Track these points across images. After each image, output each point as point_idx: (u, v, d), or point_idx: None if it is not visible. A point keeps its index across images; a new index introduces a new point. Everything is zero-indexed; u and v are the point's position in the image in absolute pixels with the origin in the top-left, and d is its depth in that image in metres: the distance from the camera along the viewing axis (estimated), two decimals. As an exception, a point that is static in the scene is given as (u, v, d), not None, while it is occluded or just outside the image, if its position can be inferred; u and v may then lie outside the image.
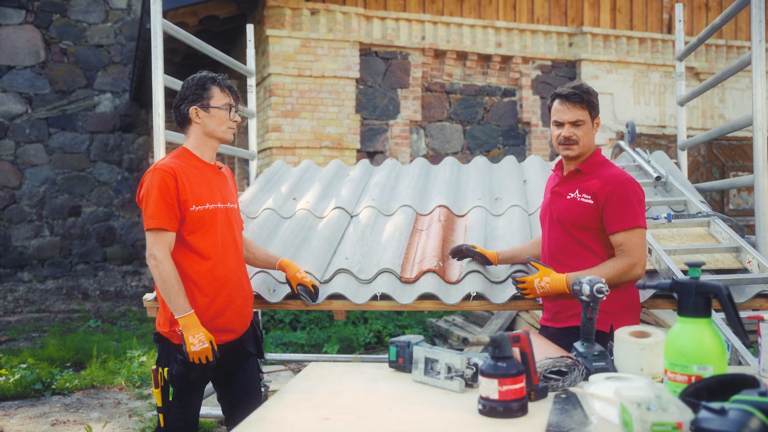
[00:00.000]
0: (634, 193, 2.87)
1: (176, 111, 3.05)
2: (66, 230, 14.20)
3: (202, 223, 2.96)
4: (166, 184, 2.87)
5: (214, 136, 3.07)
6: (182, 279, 2.90)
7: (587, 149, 2.99)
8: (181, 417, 2.98)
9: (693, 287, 1.71)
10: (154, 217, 2.85)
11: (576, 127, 2.94)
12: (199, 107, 3.00)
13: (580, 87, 2.95)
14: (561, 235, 3.00)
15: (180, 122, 3.08)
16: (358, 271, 3.67)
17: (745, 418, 1.31)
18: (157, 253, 2.84)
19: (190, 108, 3.01)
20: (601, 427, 1.62)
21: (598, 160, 3.01)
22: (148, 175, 2.93)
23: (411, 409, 1.82)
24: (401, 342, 2.20)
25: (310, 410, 1.81)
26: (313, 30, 9.06)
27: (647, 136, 10.52)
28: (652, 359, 1.98)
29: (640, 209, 2.87)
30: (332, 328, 8.10)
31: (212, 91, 3.03)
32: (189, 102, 3.01)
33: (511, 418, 1.70)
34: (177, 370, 2.92)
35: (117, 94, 14.56)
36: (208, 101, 3.02)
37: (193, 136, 3.07)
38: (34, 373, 6.32)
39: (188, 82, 3.05)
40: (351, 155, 9.18)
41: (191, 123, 3.04)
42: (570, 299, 2.85)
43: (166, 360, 2.98)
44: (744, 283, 3.27)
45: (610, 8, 10.57)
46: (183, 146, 3.10)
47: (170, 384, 2.95)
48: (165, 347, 3.00)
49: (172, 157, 3.02)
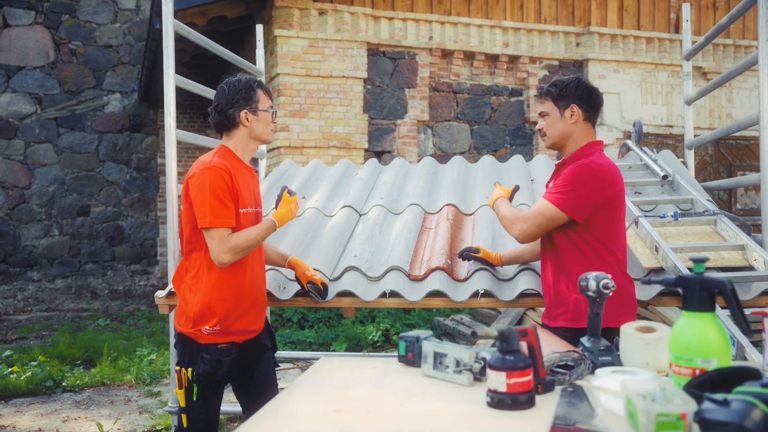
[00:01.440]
0: (577, 174, 2.87)
1: (222, 115, 3.03)
2: (75, 230, 14.29)
3: (244, 227, 2.98)
4: (225, 182, 2.88)
5: (260, 138, 3.10)
6: (216, 280, 2.94)
7: (560, 139, 3.03)
8: (205, 416, 3.01)
9: (697, 282, 1.73)
10: (220, 216, 2.86)
11: (542, 118, 3.08)
12: (248, 111, 3.03)
13: (553, 81, 3.09)
14: (556, 233, 2.99)
15: (224, 126, 3.06)
16: (367, 268, 3.70)
17: (748, 408, 1.33)
18: (226, 254, 2.88)
19: (240, 112, 3.02)
20: (607, 419, 1.65)
21: (585, 152, 2.97)
22: (202, 173, 2.90)
23: (421, 402, 1.85)
24: (410, 337, 2.24)
25: (321, 403, 1.84)
26: (321, 30, 9.11)
27: (654, 136, 10.53)
28: (658, 354, 2.00)
29: (574, 191, 2.84)
30: (340, 326, 8.14)
31: (259, 94, 3.06)
32: (239, 106, 3.01)
33: (518, 410, 1.73)
34: (204, 370, 2.94)
35: (126, 94, 14.64)
36: (256, 105, 3.05)
37: (237, 139, 3.07)
38: (45, 370, 6.39)
39: (234, 86, 3.03)
40: (359, 155, 9.22)
41: (238, 126, 3.05)
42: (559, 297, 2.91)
43: (189, 360, 2.99)
44: (750, 281, 3.30)
45: (617, 8, 10.58)
46: (224, 146, 3.07)
47: (195, 384, 2.97)
48: (187, 348, 3.01)
49: (218, 156, 2.99)
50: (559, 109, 3.00)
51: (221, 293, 2.95)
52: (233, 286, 2.98)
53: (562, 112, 3.00)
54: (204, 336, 2.95)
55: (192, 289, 2.98)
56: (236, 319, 2.99)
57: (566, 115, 2.99)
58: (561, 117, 3.00)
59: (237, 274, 2.99)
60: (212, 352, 2.92)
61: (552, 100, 3.02)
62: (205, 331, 2.93)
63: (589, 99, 3.01)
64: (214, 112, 3.06)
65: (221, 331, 2.95)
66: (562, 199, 2.86)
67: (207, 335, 2.94)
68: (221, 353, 2.96)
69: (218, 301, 2.94)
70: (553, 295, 2.98)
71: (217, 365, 2.94)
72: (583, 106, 3.00)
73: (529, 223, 2.92)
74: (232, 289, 2.97)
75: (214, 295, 2.94)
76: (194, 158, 14.44)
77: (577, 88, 3.00)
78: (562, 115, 3.00)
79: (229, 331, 2.97)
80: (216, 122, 3.08)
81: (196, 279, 2.98)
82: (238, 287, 2.99)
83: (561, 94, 3.00)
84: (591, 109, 3.02)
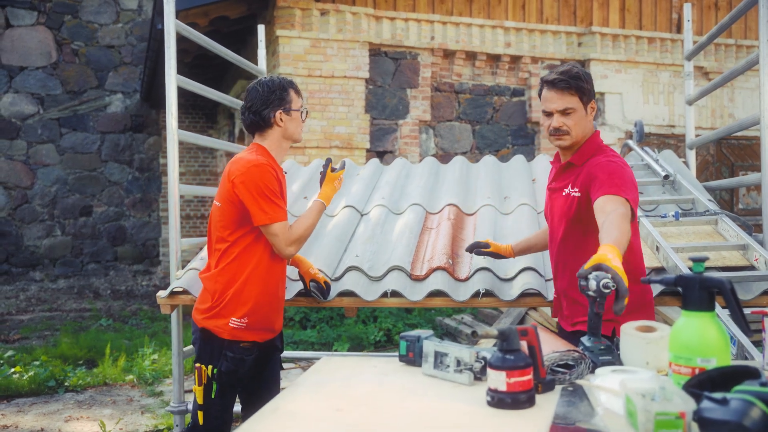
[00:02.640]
0: (619, 168, 2.62)
1: (257, 115, 3.05)
2: (77, 230, 14.31)
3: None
4: (275, 179, 2.95)
5: (292, 138, 3.14)
6: (251, 273, 2.97)
7: (582, 138, 2.77)
8: (222, 414, 3.03)
9: (697, 281, 1.74)
10: (277, 211, 2.92)
11: (566, 116, 2.71)
12: (283, 111, 3.06)
13: (568, 72, 2.71)
14: (565, 235, 2.84)
15: (258, 126, 3.08)
16: (368, 268, 3.71)
17: (746, 407, 1.34)
18: (290, 246, 2.97)
19: (275, 112, 3.04)
20: (607, 418, 1.66)
21: (591, 147, 2.78)
22: (251, 171, 2.91)
23: (422, 401, 1.86)
24: (411, 336, 2.24)
25: (322, 402, 1.85)
26: (322, 30, 9.11)
27: (656, 136, 10.52)
28: (658, 353, 2.01)
29: (626, 183, 2.58)
30: (342, 326, 8.15)
31: (291, 94, 3.09)
32: (273, 106, 3.04)
33: (518, 409, 1.73)
34: (226, 368, 2.96)
35: (128, 94, 14.66)
36: (289, 105, 3.08)
37: (271, 139, 3.09)
38: (48, 370, 6.40)
39: (268, 87, 3.05)
40: (361, 155, 9.23)
41: (272, 127, 3.07)
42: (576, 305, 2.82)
43: (210, 357, 3.01)
44: (751, 280, 3.30)
45: (619, 8, 10.58)
46: (260, 145, 3.08)
47: (215, 381, 2.99)
48: (209, 345, 3.02)
49: (259, 155, 3.01)
50: (584, 104, 2.72)
51: (254, 286, 2.98)
52: (265, 281, 3.02)
53: (587, 108, 2.74)
54: (229, 330, 2.96)
55: (222, 279, 2.99)
56: (263, 315, 3.03)
57: (588, 111, 2.75)
58: (586, 114, 2.74)
59: (269, 269, 3.04)
60: (235, 350, 2.95)
61: (579, 95, 2.70)
62: (232, 324, 2.95)
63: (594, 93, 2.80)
64: (248, 113, 3.07)
65: (247, 327, 2.97)
66: (629, 198, 2.55)
67: (232, 329, 2.96)
68: (244, 352, 2.99)
69: (250, 293, 2.97)
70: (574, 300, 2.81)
71: (239, 364, 2.97)
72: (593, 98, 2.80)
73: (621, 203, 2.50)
74: (264, 283, 3.02)
75: (246, 286, 2.97)
76: (196, 158, 14.47)
77: (591, 80, 2.78)
78: (587, 113, 2.74)
79: (254, 328, 3.00)
80: (250, 123, 3.09)
81: (226, 271, 2.99)
82: (270, 282, 3.04)
83: (588, 89, 2.72)
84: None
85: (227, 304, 2.96)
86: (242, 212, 2.94)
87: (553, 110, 2.72)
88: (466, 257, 3.77)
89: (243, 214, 2.94)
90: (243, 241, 2.98)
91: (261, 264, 3.00)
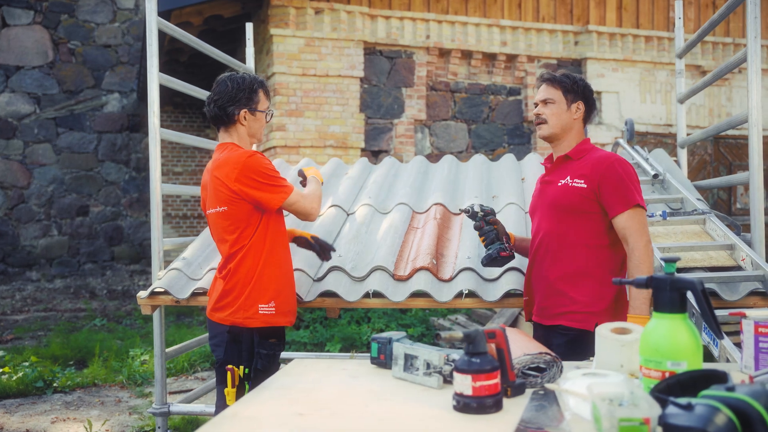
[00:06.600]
0: (626, 172, 2.85)
1: (221, 110, 3.08)
2: (74, 229, 14.27)
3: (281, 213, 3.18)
4: (265, 158, 3.08)
5: (255, 137, 3.20)
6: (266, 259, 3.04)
7: (561, 131, 2.98)
8: None
9: (668, 282, 1.69)
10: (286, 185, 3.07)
11: (545, 105, 2.99)
12: (248, 110, 3.09)
13: (563, 73, 3.02)
14: (552, 225, 2.92)
15: (222, 121, 3.12)
16: (351, 268, 3.66)
17: (711, 413, 1.30)
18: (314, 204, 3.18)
19: (240, 110, 3.08)
20: (574, 423, 1.61)
21: (587, 146, 3.00)
22: (248, 161, 2.97)
23: (387, 405, 1.81)
24: (383, 338, 2.19)
25: (285, 406, 1.80)
26: (317, 29, 9.06)
27: (654, 135, 10.47)
28: (632, 356, 1.96)
29: (635, 188, 2.83)
30: (335, 327, 8.10)
31: (260, 95, 3.14)
32: (239, 104, 3.08)
33: (485, 414, 1.68)
34: (262, 365, 3.01)
35: (125, 93, 14.62)
36: (256, 105, 3.12)
37: (237, 135, 3.14)
38: (36, 371, 6.36)
39: (238, 84, 3.08)
40: (355, 154, 9.17)
41: (236, 124, 3.11)
42: (559, 296, 2.83)
43: (239, 358, 3.02)
44: (738, 281, 3.25)
45: (616, 7, 10.52)
46: (231, 142, 3.13)
47: (246, 382, 3.01)
48: (237, 344, 3.03)
49: (238, 149, 3.09)
50: (567, 101, 2.98)
51: (272, 269, 3.04)
52: (280, 263, 3.09)
53: (569, 105, 2.98)
54: (260, 318, 2.99)
55: (241, 271, 3.01)
56: (287, 296, 3.10)
57: (572, 109, 2.98)
58: (567, 109, 2.98)
59: (282, 252, 3.12)
60: (267, 347, 3.01)
61: (563, 90, 2.98)
62: (262, 311, 2.99)
63: (592, 102, 3.04)
64: (214, 106, 3.10)
65: (276, 312, 3.02)
66: (639, 195, 2.83)
67: (263, 316, 2.99)
68: (276, 348, 3.06)
69: (270, 277, 3.03)
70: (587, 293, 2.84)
71: (273, 360, 3.03)
72: (586, 106, 3.02)
73: (645, 235, 2.75)
74: (279, 265, 3.08)
75: (265, 271, 3.02)
76: (193, 158, 14.42)
77: (585, 87, 3.03)
78: (568, 108, 2.98)
79: (282, 311, 3.05)
80: (213, 115, 3.12)
81: (242, 264, 3.01)
82: (284, 264, 3.13)
83: (573, 87, 2.99)
84: (589, 112, 3.04)
85: (251, 293, 3.00)
86: (250, 207, 2.99)
87: (537, 101, 3.03)
88: (450, 257, 3.73)
89: (251, 209, 3.00)
90: (252, 233, 3.02)
91: (274, 249, 3.06)
